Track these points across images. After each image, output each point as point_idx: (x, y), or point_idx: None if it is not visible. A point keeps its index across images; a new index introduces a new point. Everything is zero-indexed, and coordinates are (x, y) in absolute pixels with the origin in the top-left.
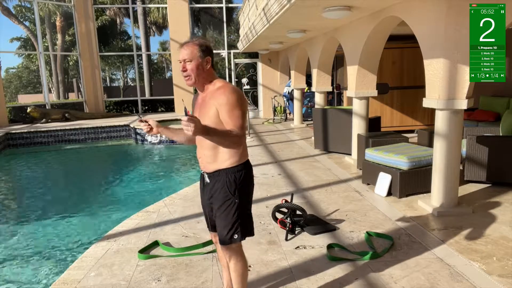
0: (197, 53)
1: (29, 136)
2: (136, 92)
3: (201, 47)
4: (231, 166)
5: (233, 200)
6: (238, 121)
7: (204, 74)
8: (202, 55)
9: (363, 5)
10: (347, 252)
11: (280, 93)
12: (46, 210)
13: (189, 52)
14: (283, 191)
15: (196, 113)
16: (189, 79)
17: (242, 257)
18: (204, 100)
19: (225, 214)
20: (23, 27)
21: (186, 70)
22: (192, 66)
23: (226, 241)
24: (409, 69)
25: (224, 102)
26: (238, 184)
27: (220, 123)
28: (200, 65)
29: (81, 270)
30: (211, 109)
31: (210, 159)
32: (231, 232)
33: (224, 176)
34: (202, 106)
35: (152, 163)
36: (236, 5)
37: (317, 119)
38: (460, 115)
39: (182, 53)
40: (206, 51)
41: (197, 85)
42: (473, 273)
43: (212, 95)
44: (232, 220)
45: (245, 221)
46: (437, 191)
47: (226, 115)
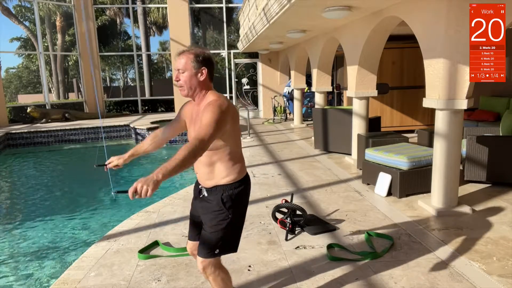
0: (191, 63)
1: (29, 136)
2: (136, 92)
3: (196, 57)
4: (229, 183)
5: (226, 215)
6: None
7: (198, 85)
8: (196, 66)
9: (363, 5)
10: (347, 252)
11: (280, 93)
12: (46, 210)
13: (183, 61)
14: (283, 191)
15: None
16: (182, 89)
17: (220, 268)
18: (197, 114)
19: (214, 229)
20: (23, 27)
21: (179, 79)
22: (185, 77)
23: (206, 255)
24: (409, 69)
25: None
26: (234, 201)
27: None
28: (194, 76)
29: (81, 270)
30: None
31: (207, 175)
32: (214, 248)
33: (220, 192)
34: (195, 121)
35: (152, 163)
36: (236, 5)
37: (317, 119)
38: (460, 115)
39: (176, 62)
40: (202, 62)
41: (191, 96)
42: (473, 273)
43: (203, 109)
44: (219, 237)
45: (232, 238)
46: (437, 191)
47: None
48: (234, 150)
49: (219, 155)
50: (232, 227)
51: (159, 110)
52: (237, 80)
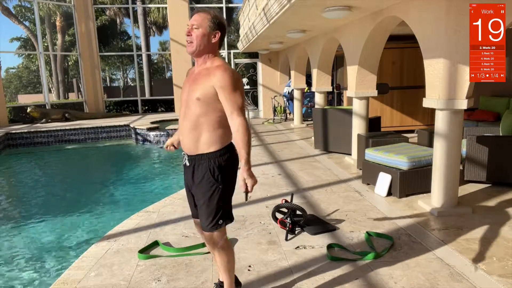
0: (208, 22)
1: (29, 136)
2: (136, 92)
3: (214, 19)
4: (214, 150)
5: (217, 186)
6: (237, 104)
7: (207, 46)
8: (212, 26)
9: (363, 5)
10: (347, 252)
11: (280, 93)
12: (46, 210)
13: (199, 19)
14: (283, 191)
15: (187, 85)
16: (191, 46)
17: (227, 244)
18: (200, 74)
19: (209, 202)
20: (23, 27)
21: (191, 35)
22: (198, 33)
23: (210, 228)
24: (409, 69)
25: (223, 83)
26: (222, 169)
27: (212, 99)
28: (207, 35)
29: (81, 270)
30: (206, 84)
31: (192, 139)
32: (215, 219)
33: (206, 162)
34: (196, 79)
35: (152, 163)
36: (236, 5)
37: (317, 119)
38: (460, 115)
39: (192, 19)
40: (218, 25)
41: (196, 55)
42: (473, 273)
43: (208, 71)
44: (216, 208)
45: (228, 206)
46: (437, 191)
47: (225, 99)
48: (223, 116)
49: (208, 117)
50: (226, 195)
51: (159, 110)
52: None
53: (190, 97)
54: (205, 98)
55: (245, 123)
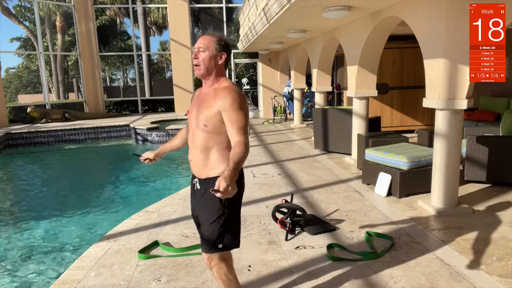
0: (214, 45)
1: (29, 136)
2: (136, 92)
3: (219, 41)
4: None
5: (222, 211)
6: (239, 124)
7: (214, 68)
8: (218, 48)
9: (363, 5)
10: (347, 252)
11: (280, 93)
12: (46, 210)
13: (205, 42)
14: (283, 191)
15: (194, 107)
16: (198, 69)
17: (225, 263)
18: (208, 95)
19: (213, 224)
20: (23, 27)
21: (198, 58)
22: (204, 56)
23: (209, 249)
24: (409, 69)
25: (227, 104)
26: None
27: (219, 125)
28: (213, 58)
29: (81, 270)
30: (212, 108)
31: (201, 163)
32: (216, 242)
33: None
34: (203, 101)
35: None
36: (236, 5)
37: (317, 119)
38: (460, 115)
39: (198, 42)
40: (223, 47)
41: (204, 77)
42: (473, 273)
43: (216, 92)
44: (219, 231)
45: (233, 231)
46: (437, 191)
47: (228, 120)
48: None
49: (217, 140)
50: (230, 221)
51: (159, 110)
52: (237, 80)
53: (197, 124)
54: (211, 124)
55: (246, 142)
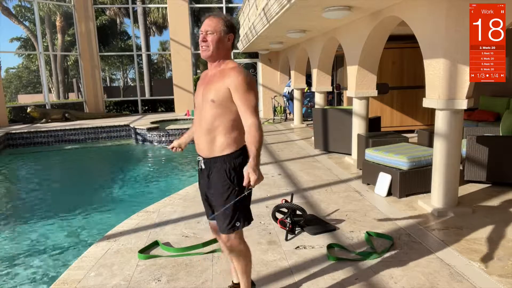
0: (221, 27)
1: (29, 136)
2: (136, 92)
3: (226, 23)
4: (230, 153)
5: (233, 188)
6: (251, 104)
7: (222, 50)
8: (226, 30)
9: (363, 5)
10: (347, 252)
11: (280, 93)
12: (46, 210)
13: (213, 24)
14: (283, 191)
15: (201, 87)
16: (206, 50)
17: (245, 246)
18: (214, 76)
19: (225, 204)
20: (23, 27)
21: (206, 41)
22: (213, 37)
23: (228, 230)
24: (409, 69)
25: (237, 84)
26: (238, 171)
27: (227, 101)
28: (221, 40)
29: (81, 270)
30: (220, 85)
31: (207, 142)
32: (232, 222)
33: (221, 164)
34: (210, 81)
35: (152, 163)
36: (236, 5)
37: (317, 119)
38: (460, 115)
39: (205, 24)
40: (230, 28)
41: (212, 58)
42: (473, 273)
43: (223, 73)
44: (232, 210)
45: (245, 208)
46: (437, 191)
47: (239, 99)
48: (238, 118)
49: (223, 119)
50: (242, 197)
51: (159, 110)
52: None
53: (204, 100)
54: (219, 100)
55: (258, 123)
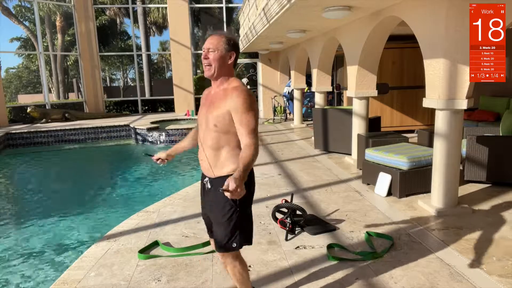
0: (223, 45)
1: (29, 136)
2: (136, 92)
3: (228, 41)
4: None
5: (234, 209)
6: (249, 126)
7: (224, 68)
8: (227, 48)
9: (363, 5)
10: (347, 252)
11: (280, 93)
12: (46, 210)
13: (215, 42)
14: (283, 191)
15: (204, 107)
16: (209, 69)
17: (239, 261)
18: (216, 96)
19: (225, 223)
20: (23, 27)
21: (208, 58)
22: (214, 56)
23: (223, 249)
24: (409, 69)
25: (237, 105)
26: None
27: (229, 125)
28: (223, 58)
29: (81, 270)
30: (222, 108)
31: (212, 161)
32: (230, 241)
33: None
34: (212, 102)
35: (152, 162)
36: (236, 5)
37: (317, 119)
38: (460, 115)
39: (207, 42)
40: (232, 46)
41: (214, 77)
42: (473, 273)
43: (225, 93)
44: (231, 230)
45: (244, 230)
46: (437, 191)
47: (237, 121)
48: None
49: (227, 140)
50: (243, 219)
51: (159, 110)
52: None
53: (207, 124)
54: (221, 125)
55: (255, 144)
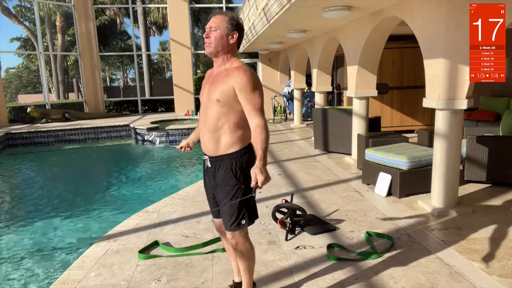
0: (225, 23)
1: (29, 136)
2: (136, 92)
3: (231, 20)
4: (236, 151)
5: (239, 186)
6: (256, 104)
7: (225, 47)
8: (229, 27)
9: (363, 5)
10: (347, 252)
11: (280, 93)
12: (45, 210)
13: (217, 21)
14: (283, 191)
15: (206, 86)
16: (208, 46)
17: (248, 242)
18: (219, 75)
19: (231, 202)
20: (23, 27)
21: (209, 37)
22: (216, 34)
23: (233, 228)
24: (409, 69)
25: (242, 84)
26: (243, 169)
27: (232, 100)
28: (225, 36)
29: (81, 270)
30: (225, 85)
31: (213, 141)
32: (238, 219)
33: (227, 162)
34: (215, 80)
35: (152, 163)
36: (236, 5)
37: (317, 119)
38: (460, 115)
39: (210, 21)
40: (235, 26)
41: (214, 55)
42: (473, 273)
43: (228, 72)
44: (238, 207)
45: (251, 205)
46: (437, 191)
47: (244, 99)
48: (243, 116)
49: (228, 118)
50: (247, 194)
51: (159, 110)
52: None
53: (209, 99)
54: (224, 99)
55: (263, 123)
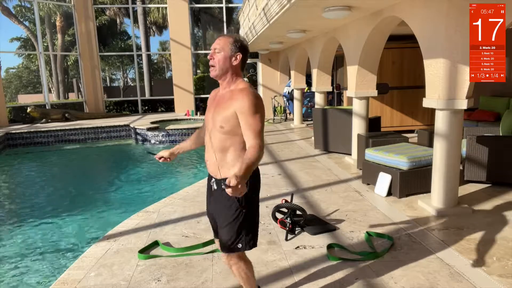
0: (229, 45)
1: (29, 136)
2: (136, 92)
3: (235, 42)
4: None
5: (240, 210)
6: (255, 128)
7: (230, 69)
8: (233, 49)
9: (363, 5)
10: (347, 252)
11: (280, 93)
12: (45, 210)
13: (221, 42)
14: (283, 191)
15: (211, 108)
16: (213, 70)
17: (244, 261)
18: (223, 98)
19: (231, 224)
20: (23, 27)
21: (213, 58)
22: (220, 56)
23: (226, 250)
24: (409, 69)
25: (244, 108)
26: (248, 193)
27: (236, 127)
28: (228, 58)
29: (81, 270)
30: (228, 109)
31: (218, 163)
32: (235, 242)
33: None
34: (219, 103)
35: (152, 163)
36: (236, 5)
37: (317, 119)
38: (460, 115)
39: (214, 43)
40: (239, 48)
41: (219, 78)
42: (473, 273)
43: (232, 95)
44: (237, 231)
45: (250, 231)
46: (437, 191)
47: (244, 122)
48: None
49: (234, 141)
50: (248, 220)
51: (159, 110)
52: None
53: (214, 124)
54: (228, 126)
55: (260, 145)
